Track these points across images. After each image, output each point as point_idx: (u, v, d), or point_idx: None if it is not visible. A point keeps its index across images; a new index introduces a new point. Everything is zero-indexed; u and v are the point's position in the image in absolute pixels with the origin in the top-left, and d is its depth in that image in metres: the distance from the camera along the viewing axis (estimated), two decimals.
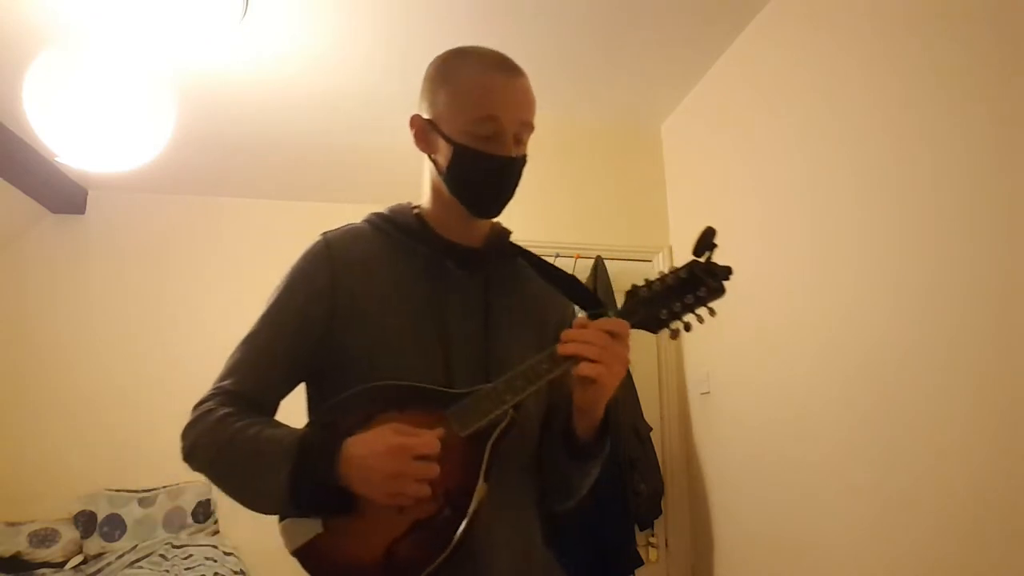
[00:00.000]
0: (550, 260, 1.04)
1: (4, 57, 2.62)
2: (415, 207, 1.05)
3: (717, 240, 0.85)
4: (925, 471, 1.60)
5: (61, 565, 3.21)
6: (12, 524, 3.31)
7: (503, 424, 0.86)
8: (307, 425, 0.91)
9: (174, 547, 3.25)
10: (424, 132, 0.98)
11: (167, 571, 3.00)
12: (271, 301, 0.98)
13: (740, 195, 2.50)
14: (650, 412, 2.75)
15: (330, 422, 0.86)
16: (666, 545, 2.76)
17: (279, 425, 0.89)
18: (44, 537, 3.28)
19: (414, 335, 0.94)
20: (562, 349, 0.84)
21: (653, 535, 2.75)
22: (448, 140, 0.94)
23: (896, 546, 1.67)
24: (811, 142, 2.11)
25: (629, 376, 2.68)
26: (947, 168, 1.58)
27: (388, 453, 0.79)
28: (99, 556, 3.28)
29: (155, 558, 3.15)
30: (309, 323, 0.95)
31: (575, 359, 0.83)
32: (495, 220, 1.05)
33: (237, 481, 0.88)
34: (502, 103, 0.93)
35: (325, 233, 1.01)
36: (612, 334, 0.84)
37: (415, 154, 1.02)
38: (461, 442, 0.85)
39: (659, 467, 2.69)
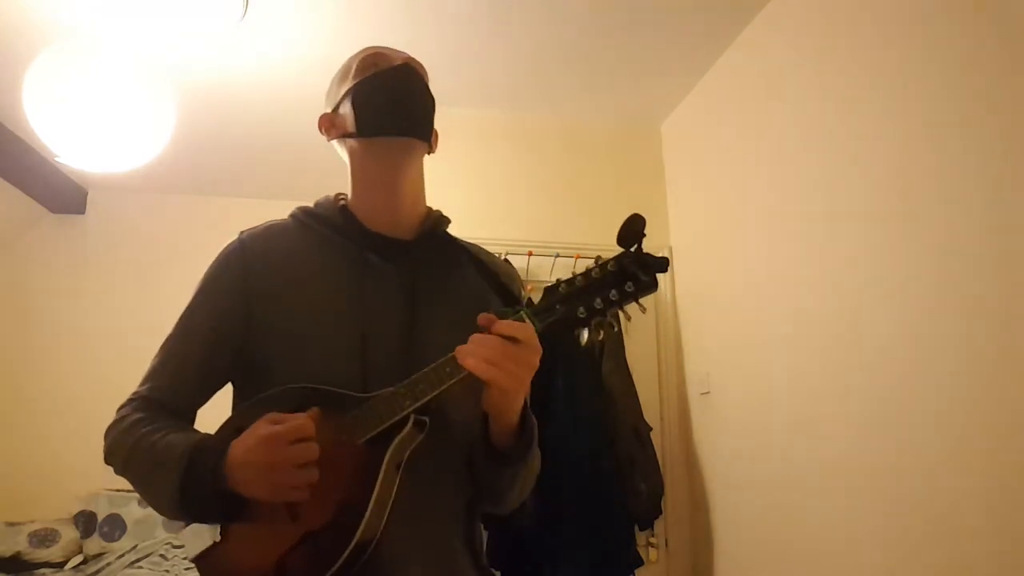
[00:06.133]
0: (549, 260, 1.02)
1: (4, 57, 2.62)
2: (341, 198, 1.03)
3: (716, 239, 0.85)
4: (927, 472, 1.59)
5: (61, 565, 3.21)
6: (12, 524, 3.31)
7: (404, 431, 0.80)
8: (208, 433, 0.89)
9: (174, 547, 3.25)
10: (329, 121, 1.03)
11: (167, 571, 3.00)
12: (187, 306, 0.97)
13: (741, 194, 2.50)
14: (650, 412, 2.75)
15: (236, 428, 0.82)
16: (666, 545, 2.76)
17: (183, 430, 0.87)
18: (44, 537, 3.28)
19: (330, 336, 0.90)
20: (458, 352, 0.79)
21: (653, 535, 2.75)
22: (345, 94, 0.98)
23: (898, 548, 1.67)
24: (815, 140, 2.10)
25: (629, 376, 2.68)
26: (954, 168, 1.58)
27: (260, 444, 0.75)
28: (99, 556, 3.28)
29: (155, 558, 3.15)
30: (222, 330, 0.93)
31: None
32: (432, 208, 1.04)
33: (141, 487, 0.87)
34: (381, 49, 1.01)
35: (242, 232, 1.00)
36: (512, 339, 0.78)
37: None
38: (358, 450, 0.80)
39: (659, 467, 2.68)
